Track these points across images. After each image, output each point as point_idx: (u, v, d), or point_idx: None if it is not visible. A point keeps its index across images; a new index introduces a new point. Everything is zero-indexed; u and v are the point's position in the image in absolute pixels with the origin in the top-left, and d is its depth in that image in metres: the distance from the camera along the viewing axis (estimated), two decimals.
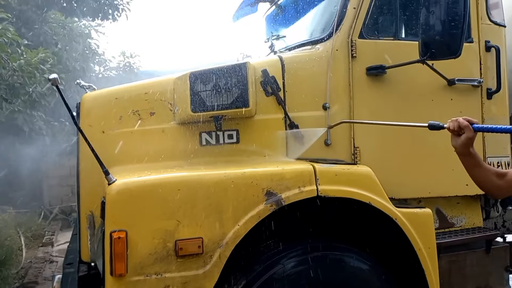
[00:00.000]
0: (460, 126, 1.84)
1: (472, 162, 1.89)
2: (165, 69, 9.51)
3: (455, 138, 1.88)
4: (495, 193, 2.14)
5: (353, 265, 2.48)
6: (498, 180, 1.91)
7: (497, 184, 1.92)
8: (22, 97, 3.80)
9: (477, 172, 1.92)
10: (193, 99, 2.49)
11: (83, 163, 2.62)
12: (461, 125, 1.83)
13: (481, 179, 1.95)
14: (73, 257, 2.94)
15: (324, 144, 2.72)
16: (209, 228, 2.17)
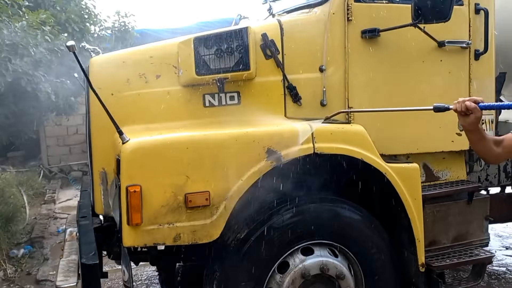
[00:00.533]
0: (468, 108, 1.91)
1: (478, 137, 2.01)
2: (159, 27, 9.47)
3: (463, 118, 1.96)
4: (494, 161, 2.31)
5: (346, 215, 2.72)
6: (496, 148, 2.05)
7: (496, 152, 2.05)
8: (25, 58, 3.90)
9: (482, 144, 2.04)
10: (197, 62, 2.63)
11: (94, 123, 2.78)
12: (469, 107, 1.91)
13: (484, 150, 2.08)
14: (86, 211, 3.15)
15: (320, 105, 2.89)
16: (215, 182, 2.38)
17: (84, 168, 10.93)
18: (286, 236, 2.60)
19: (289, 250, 2.64)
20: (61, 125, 10.49)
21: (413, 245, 2.79)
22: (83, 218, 2.94)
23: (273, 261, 2.60)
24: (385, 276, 2.81)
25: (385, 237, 2.84)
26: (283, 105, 2.86)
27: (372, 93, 2.95)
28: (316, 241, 2.70)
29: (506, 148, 2.04)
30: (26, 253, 5.41)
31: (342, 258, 2.76)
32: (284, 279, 2.61)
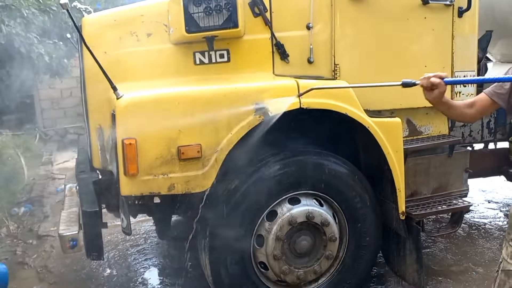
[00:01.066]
0: (433, 83, 1.99)
1: (446, 106, 2.10)
2: None
3: (428, 93, 2.04)
4: (470, 120, 2.44)
5: (330, 167, 2.88)
6: (470, 110, 2.14)
7: (469, 114, 2.14)
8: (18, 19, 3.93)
9: (452, 111, 2.16)
10: (187, 20, 2.70)
11: (89, 81, 2.88)
12: (434, 82, 1.98)
13: (456, 115, 2.21)
14: (84, 166, 3.30)
15: (308, 62, 2.99)
16: (206, 136, 2.51)
17: (80, 131, 11.02)
18: (274, 187, 2.76)
19: (277, 200, 2.80)
20: (55, 88, 10.50)
21: (395, 195, 2.96)
22: (82, 173, 3.08)
23: (262, 210, 2.78)
24: (367, 223, 3.00)
25: (368, 188, 3.01)
26: (271, 63, 2.96)
27: (358, 50, 3.05)
28: (302, 192, 2.87)
29: (479, 108, 2.13)
30: (26, 211, 5.59)
31: (327, 207, 2.94)
32: (273, 226, 2.79)
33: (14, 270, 3.89)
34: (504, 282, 2.05)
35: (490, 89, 2.09)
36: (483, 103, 2.11)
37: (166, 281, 3.73)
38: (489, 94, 2.08)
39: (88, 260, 4.13)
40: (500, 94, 2.05)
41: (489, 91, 2.09)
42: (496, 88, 2.07)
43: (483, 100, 2.11)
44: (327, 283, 3.01)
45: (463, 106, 2.16)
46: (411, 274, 3.14)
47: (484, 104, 2.11)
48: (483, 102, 2.11)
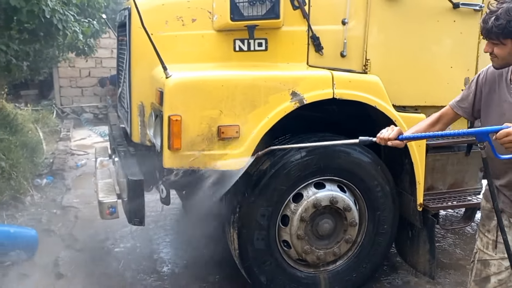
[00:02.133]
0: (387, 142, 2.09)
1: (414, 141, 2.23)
2: None
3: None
4: None
5: (355, 156, 3.04)
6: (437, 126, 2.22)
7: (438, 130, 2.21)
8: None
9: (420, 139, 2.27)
10: (232, 9, 2.86)
11: (134, 60, 3.05)
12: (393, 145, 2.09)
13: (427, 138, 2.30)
14: (120, 140, 3.48)
15: (340, 55, 3.15)
16: (245, 118, 2.68)
17: (95, 111, 11.24)
18: (302, 171, 2.93)
19: (303, 183, 2.98)
20: (74, 67, 10.70)
21: (414, 187, 3.13)
22: (121, 145, 3.26)
23: (289, 192, 2.95)
24: (386, 212, 3.17)
25: (389, 179, 3.18)
26: (306, 54, 3.12)
27: (388, 47, 3.21)
28: (327, 177, 3.04)
29: (446, 121, 2.24)
30: (49, 183, 5.80)
31: (350, 194, 3.11)
32: (298, 208, 2.97)
33: (40, 236, 4.08)
34: (481, 272, 2.19)
35: (455, 102, 2.21)
36: (449, 116, 2.24)
37: (186, 254, 3.92)
38: (454, 108, 2.21)
39: (111, 231, 4.36)
40: (464, 108, 2.18)
41: (454, 105, 2.21)
42: (460, 102, 2.19)
43: (449, 113, 2.24)
44: (344, 266, 3.19)
45: (428, 126, 2.23)
46: (423, 264, 3.31)
47: (450, 117, 2.24)
48: (449, 116, 2.24)
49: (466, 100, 2.18)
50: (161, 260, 3.85)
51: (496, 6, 1.87)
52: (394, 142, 2.09)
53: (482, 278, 2.19)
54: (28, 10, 3.76)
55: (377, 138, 2.15)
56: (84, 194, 5.44)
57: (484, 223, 2.22)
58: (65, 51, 6.97)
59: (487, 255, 2.17)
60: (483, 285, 2.19)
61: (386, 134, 2.11)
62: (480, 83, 2.13)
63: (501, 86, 2.03)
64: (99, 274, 3.58)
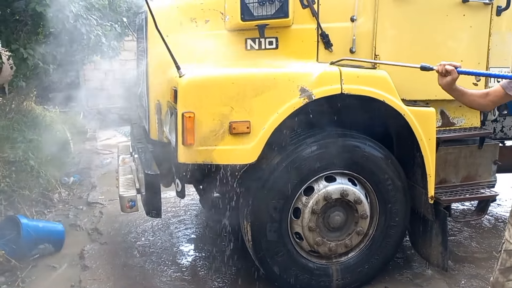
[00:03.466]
0: (447, 70, 2.26)
1: (458, 93, 2.34)
2: None
3: (441, 78, 2.31)
4: (482, 108, 2.73)
5: (366, 150, 3.11)
6: (483, 100, 2.34)
7: (483, 103, 2.36)
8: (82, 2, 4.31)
9: (464, 98, 2.37)
10: (242, 9, 2.98)
11: (151, 61, 3.20)
12: (448, 69, 2.25)
13: (468, 103, 2.41)
14: (139, 138, 3.65)
15: (350, 52, 3.22)
16: (255, 114, 2.79)
17: (120, 112, 11.54)
18: (312, 165, 3.02)
19: (314, 177, 3.06)
20: (99, 69, 11.02)
21: (425, 180, 3.18)
22: (139, 143, 3.42)
23: (300, 185, 3.04)
24: (397, 204, 3.22)
25: (400, 172, 3.23)
26: (315, 51, 3.21)
27: (397, 42, 3.26)
28: (338, 171, 3.12)
29: (492, 99, 2.31)
30: (76, 181, 6.05)
31: (360, 187, 3.18)
32: (309, 201, 3.06)
33: (67, 231, 4.30)
34: (506, 261, 2.25)
35: (507, 82, 2.25)
36: (497, 94, 2.29)
37: (205, 248, 4.06)
38: (505, 87, 2.24)
39: (134, 225, 4.54)
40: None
41: (505, 84, 2.25)
42: (510, 82, 2.22)
43: (498, 91, 2.28)
44: (356, 257, 3.26)
45: (476, 95, 2.36)
46: (435, 256, 3.35)
47: (498, 95, 2.29)
48: (497, 93, 2.29)
49: None
50: (180, 252, 4.00)
51: None
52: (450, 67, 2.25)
53: (507, 267, 2.25)
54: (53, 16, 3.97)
55: (437, 66, 2.31)
56: (108, 191, 5.65)
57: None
58: (90, 54, 7.22)
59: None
60: (507, 274, 2.25)
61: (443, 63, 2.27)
62: None
63: None
64: (121, 266, 3.75)
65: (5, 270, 3.58)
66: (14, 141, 5.27)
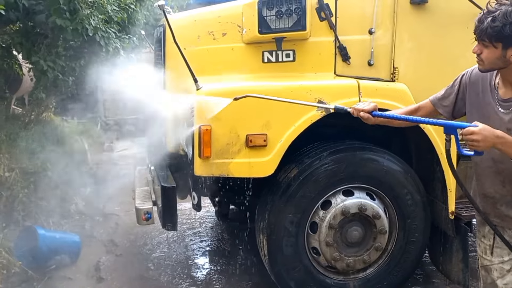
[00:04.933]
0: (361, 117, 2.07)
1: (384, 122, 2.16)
2: None
3: None
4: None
5: (384, 164, 3.06)
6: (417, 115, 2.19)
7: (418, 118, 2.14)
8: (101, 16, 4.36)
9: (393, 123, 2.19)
10: (260, 22, 2.98)
11: (169, 74, 3.21)
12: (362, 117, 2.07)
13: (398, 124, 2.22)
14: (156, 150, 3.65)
15: (368, 64, 3.18)
16: (272, 127, 2.77)
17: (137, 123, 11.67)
18: (330, 178, 2.98)
19: (332, 191, 3.02)
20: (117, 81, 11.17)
21: (445, 195, 3.11)
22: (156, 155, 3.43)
23: (317, 199, 3.00)
24: (416, 220, 3.16)
25: (420, 187, 3.17)
26: (333, 64, 3.18)
27: (416, 55, 3.21)
28: (356, 185, 3.07)
29: (423, 114, 2.19)
30: (92, 192, 6.08)
31: (379, 201, 3.13)
32: (327, 215, 3.01)
33: (83, 242, 4.31)
34: (486, 278, 2.17)
35: (436, 99, 2.17)
36: (427, 110, 2.21)
37: (220, 261, 4.03)
38: (435, 104, 2.17)
39: (149, 237, 4.54)
40: (445, 107, 2.15)
41: (435, 101, 2.18)
42: (442, 100, 2.16)
43: (428, 108, 2.21)
44: (375, 273, 3.20)
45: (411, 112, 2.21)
46: (456, 273, 3.26)
47: (428, 111, 2.21)
48: (428, 110, 2.21)
49: (448, 99, 2.14)
50: (195, 265, 3.98)
51: (494, 7, 1.82)
52: (365, 114, 2.08)
53: (489, 283, 2.17)
54: (73, 29, 4.02)
55: (351, 108, 2.14)
56: (124, 202, 5.67)
57: (479, 229, 2.21)
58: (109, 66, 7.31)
59: (486, 261, 2.16)
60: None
61: (361, 105, 2.10)
62: (463, 83, 2.10)
63: (485, 89, 2.00)
64: (137, 278, 3.74)
65: (22, 281, 3.60)
66: (33, 152, 5.34)
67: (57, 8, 3.89)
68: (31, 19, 4.49)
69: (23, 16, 4.50)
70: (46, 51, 4.60)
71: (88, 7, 4.07)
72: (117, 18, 4.85)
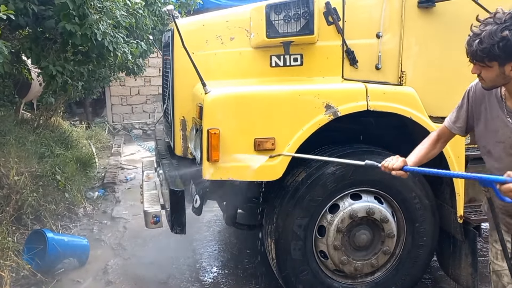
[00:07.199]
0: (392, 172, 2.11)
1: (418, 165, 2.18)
2: None
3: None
4: None
5: None
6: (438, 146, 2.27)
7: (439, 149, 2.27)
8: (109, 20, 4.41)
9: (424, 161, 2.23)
10: (268, 26, 2.99)
11: (177, 79, 3.24)
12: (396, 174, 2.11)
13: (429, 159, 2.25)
14: (164, 153, 3.68)
15: (375, 68, 3.19)
16: (280, 130, 2.78)
17: (144, 127, 11.73)
18: (337, 182, 2.98)
19: (340, 194, 3.02)
20: (124, 86, 11.25)
21: (454, 199, 3.10)
22: (164, 158, 3.45)
23: (325, 203, 3.00)
24: (424, 224, 3.14)
25: (428, 191, 3.15)
26: (341, 67, 3.19)
27: (424, 59, 3.21)
28: (364, 189, 3.07)
29: (445, 140, 2.27)
30: (100, 196, 6.12)
31: (387, 205, 3.12)
32: (334, 219, 3.01)
33: (92, 246, 4.33)
34: (497, 283, 2.17)
35: (451, 123, 2.20)
36: (446, 135, 2.26)
37: (228, 264, 4.03)
38: (451, 129, 2.20)
39: (157, 241, 4.55)
40: (460, 127, 2.18)
41: (450, 126, 2.20)
42: (456, 123, 2.18)
43: (446, 133, 2.25)
44: (383, 278, 3.18)
45: (430, 147, 2.26)
46: (465, 278, 3.24)
47: (448, 136, 2.26)
48: (446, 135, 2.26)
49: (460, 120, 2.17)
50: (203, 269, 3.98)
51: (479, 29, 1.83)
52: (398, 172, 2.12)
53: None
54: (82, 34, 4.05)
55: (381, 165, 2.18)
56: (133, 206, 5.70)
57: (491, 234, 2.20)
58: (116, 71, 7.37)
59: (497, 266, 2.15)
60: None
61: (391, 163, 2.13)
62: (471, 99, 2.11)
63: (492, 101, 2.00)
64: (145, 282, 3.75)
65: (31, 284, 3.63)
66: (42, 156, 5.39)
67: (66, 14, 3.92)
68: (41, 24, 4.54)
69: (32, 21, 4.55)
70: (55, 56, 4.64)
71: (97, 12, 4.10)
72: (125, 23, 4.88)
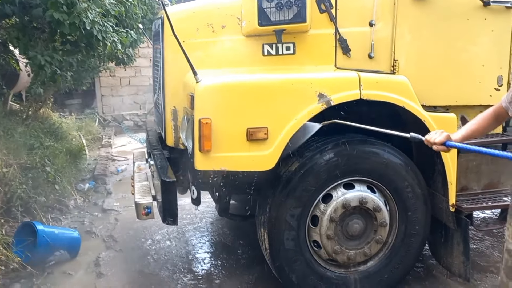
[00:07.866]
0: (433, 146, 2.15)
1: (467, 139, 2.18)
2: None
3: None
4: None
5: (385, 157, 3.04)
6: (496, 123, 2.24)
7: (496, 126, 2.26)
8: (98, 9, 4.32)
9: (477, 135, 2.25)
10: (259, 14, 2.95)
11: (167, 68, 3.19)
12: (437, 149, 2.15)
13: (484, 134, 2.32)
14: (155, 144, 3.63)
15: (368, 57, 3.17)
16: (273, 120, 2.75)
17: (135, 118, 11.63)
18: (331, 172, 2.96)
19: (332, 184, 3.00)
20: (115, 76, 11.13)
21: (446, 188, 3.10)
22: (156, 149, 3.41)
23: (318, 192, 2.98)
24: (417, 213, 3.14)
25: (420, 180, 3.15)
26: (333, 56, 3.17)
27: (417, 47, 3.20)
28: (356, 178, 3.05)
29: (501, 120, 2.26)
30: (91, 188, 6.07)
31: (379, 194, 3.11)
32: (327, 208, 3.00)
33: (83, 238, 4.29)
34: (508, 260, 2.20)
35: (507, 103, 2.17)
36: (503, 116, 2.24)
37: (221, 255, 4.02)
38: (506, 108, 2.19)
39: (149, 233, 4.52)
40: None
41: (506, 105, 2.18)
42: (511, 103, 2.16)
43: (502, 113, 2.23)
44: (375, 266, 3.19)
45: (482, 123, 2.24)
46: (457, 266, 3.25)
47: (504, 117, 2.24)
48: (503, 116, 2.24)
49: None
50: (196, 260, 3.96)
51: None
52: (439, 147, 2.13)
53: (509, 266, 2.19)
54: (70, 23, 3.98)
55: (425, 139, 2.20)
56: (124, 198, 5.66)
57: (511, 214, 2.21)
58: (105, 61, 7.27)
59: (511, 245, 2.17)
60: (510, 275, 2.19)
61: (433, 137, 2.13)
62: None
63: None
64: (137, 274, 3.73)
65: (21, 277, 3.58)
66: (31, 147, 5.31)
67: (54, 2, 3.85)
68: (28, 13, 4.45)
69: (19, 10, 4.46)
70: (43, 46, 4.56)
71: (85, 0, 4.02)
72: (114, 12, 4.81)
